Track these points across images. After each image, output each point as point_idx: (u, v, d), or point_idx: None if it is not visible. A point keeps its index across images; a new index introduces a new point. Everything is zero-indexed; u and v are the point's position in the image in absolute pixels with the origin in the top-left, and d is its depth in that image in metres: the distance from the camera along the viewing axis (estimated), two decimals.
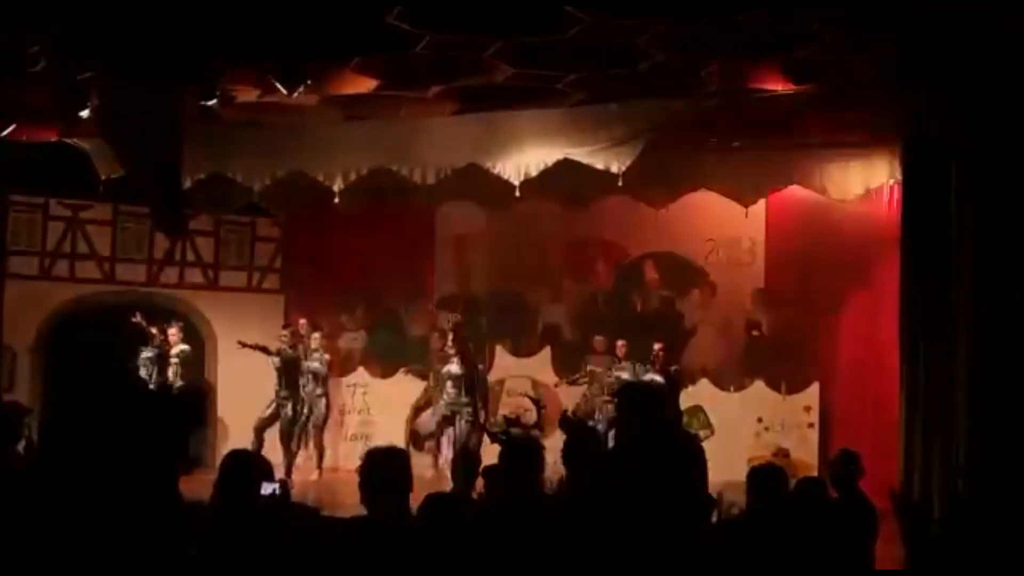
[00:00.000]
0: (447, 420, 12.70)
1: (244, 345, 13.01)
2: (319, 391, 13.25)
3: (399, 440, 12.73)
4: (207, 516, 4.58)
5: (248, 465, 4.71)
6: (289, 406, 13.03)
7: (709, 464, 5.41)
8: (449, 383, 12.68)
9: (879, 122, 10.31)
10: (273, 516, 4.55)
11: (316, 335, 13.52)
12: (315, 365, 13.32)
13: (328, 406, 13.44)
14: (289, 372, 13.17)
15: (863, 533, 6.62)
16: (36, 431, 7.40)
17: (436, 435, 13.01)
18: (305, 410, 13.13)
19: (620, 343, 12.92)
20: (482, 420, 12.27)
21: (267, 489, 4.57)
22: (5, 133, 11.36)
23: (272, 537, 4.46)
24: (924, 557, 5.45)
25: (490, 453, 11.85)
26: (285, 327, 13.57)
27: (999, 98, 8.91)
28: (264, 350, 13.05)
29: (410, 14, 8.37)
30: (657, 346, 12.49)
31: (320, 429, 13.32)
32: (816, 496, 5.86)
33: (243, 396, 14.52)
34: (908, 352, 9.82)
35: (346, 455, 13.69)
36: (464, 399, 12.57)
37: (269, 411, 13.02)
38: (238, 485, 4.58)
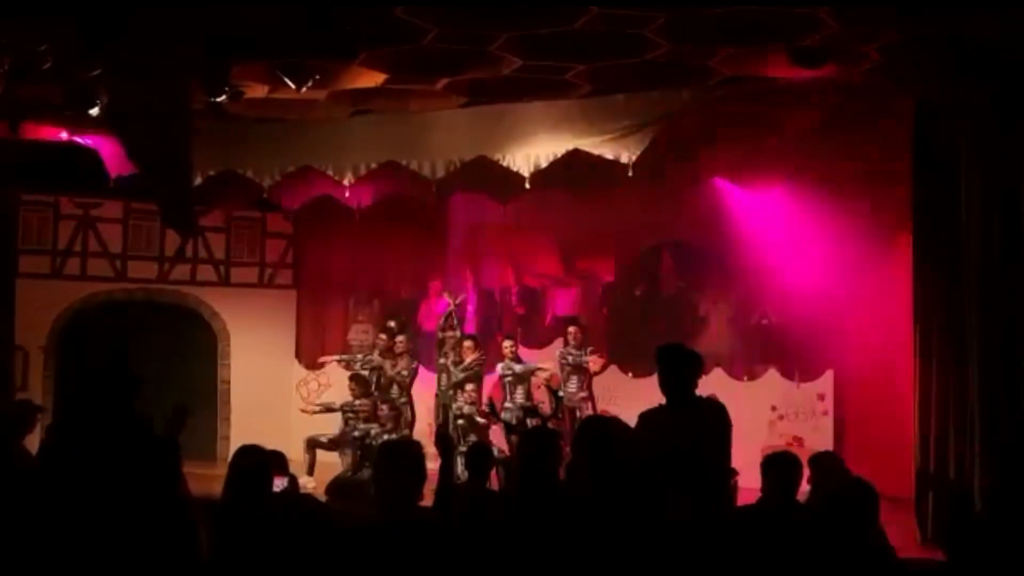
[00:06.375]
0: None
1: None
2: (403, 398, 12.87)
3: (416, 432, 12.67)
4: (217, 512, 4.57)
5: (258, 461, 4.69)
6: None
7: None
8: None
9: (889, 104, 10.26)
10: (284, 512, 4.54)
11: (401, 338, 13.26)
12: (400, 373, 12.93)
13: (413, 414, 12.89)
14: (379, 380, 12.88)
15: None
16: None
17: None
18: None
19: (572, 329, 12.85)
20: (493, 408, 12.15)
21: (279, 485, 4.55)
22: (14, 132, 11.40)
23: (283, 532, 4.44)
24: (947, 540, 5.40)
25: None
26: (383, 331, 13.30)
27: (1009, 70, 8.86)
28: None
29: (417, 7, 8.36)
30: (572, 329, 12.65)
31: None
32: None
33: (255, 393, 14.58)
34: (921, 334, 9.77)
35: None
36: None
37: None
38: (248, 481, 4.56)
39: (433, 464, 5.70)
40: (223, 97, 9.99)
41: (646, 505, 5.03)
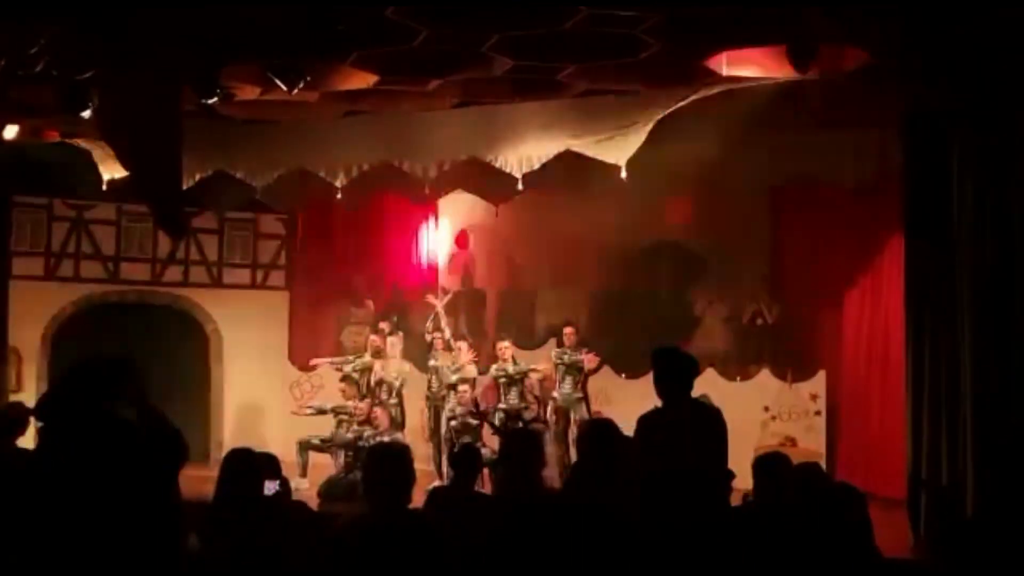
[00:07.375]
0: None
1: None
2: (394, 400, 12.78)
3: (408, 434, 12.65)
4: (208, 514, 4.56)
5: (249, 464, 4.69)
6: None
7: None
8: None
9: (880, 103, 10.26)
10: (274, 514, 4.53)
11: (392, 339, 13.25)
12: (391, 374, 12.89)
13: (403, 415, 12.79)
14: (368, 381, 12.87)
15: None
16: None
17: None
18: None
19: (567, 330, 12.82)
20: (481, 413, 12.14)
21: (270, 488, 4.55)
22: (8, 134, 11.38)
23: (274, 535, 4.44)
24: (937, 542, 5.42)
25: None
26: (375, 332, 13.36)
27: (1000, 73, 8.86)
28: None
29: (408, 8, 8.35)
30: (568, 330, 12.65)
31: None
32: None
33: (247, 394, 14.57)
34: (913, 335, 9.77)
35: None
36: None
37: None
38: (239, 484, 4.56)
39: (422, 465, 5.70)
40: (214, 99, 9.98)
41: (644, 507, 5.03)
